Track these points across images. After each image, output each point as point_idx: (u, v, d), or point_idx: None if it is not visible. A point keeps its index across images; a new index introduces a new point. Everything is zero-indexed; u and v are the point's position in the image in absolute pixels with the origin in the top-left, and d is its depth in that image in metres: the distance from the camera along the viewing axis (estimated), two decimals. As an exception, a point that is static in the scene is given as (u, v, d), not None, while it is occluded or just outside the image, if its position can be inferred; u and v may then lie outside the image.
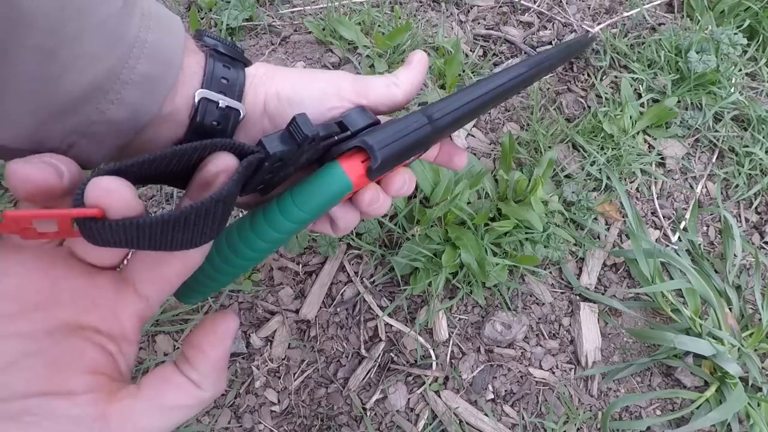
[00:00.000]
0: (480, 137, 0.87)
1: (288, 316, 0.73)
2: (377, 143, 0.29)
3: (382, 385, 0.69)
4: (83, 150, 0.26)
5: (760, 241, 0.85)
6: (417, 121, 0.31)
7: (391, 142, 0.30)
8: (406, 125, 0.31)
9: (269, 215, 0.30)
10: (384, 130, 0.30)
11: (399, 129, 0.30)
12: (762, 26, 0.98)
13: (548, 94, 0.91)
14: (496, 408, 0.70)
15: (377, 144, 0.29)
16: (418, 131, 0.31)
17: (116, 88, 0.25)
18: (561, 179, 0.82)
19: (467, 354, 0.72)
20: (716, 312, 0.73)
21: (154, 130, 0.29)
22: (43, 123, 0.24)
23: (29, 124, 0.23)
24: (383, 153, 0.29)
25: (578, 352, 0.74)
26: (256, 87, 0.32)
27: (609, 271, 0.80)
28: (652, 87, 0.93)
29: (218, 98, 0.30)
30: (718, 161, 0.91)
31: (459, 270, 0.72)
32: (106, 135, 0.26)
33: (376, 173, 0.30)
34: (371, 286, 0.74)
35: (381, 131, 0.30)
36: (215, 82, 0.30)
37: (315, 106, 0.32)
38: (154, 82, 0.26)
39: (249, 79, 0.32)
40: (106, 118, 0.25)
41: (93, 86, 0.24)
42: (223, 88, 0.30)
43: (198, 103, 0.29)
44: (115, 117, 0.25)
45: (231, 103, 0.30)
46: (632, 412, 0.72)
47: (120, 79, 0.25)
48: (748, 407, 0.68)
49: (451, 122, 0.33)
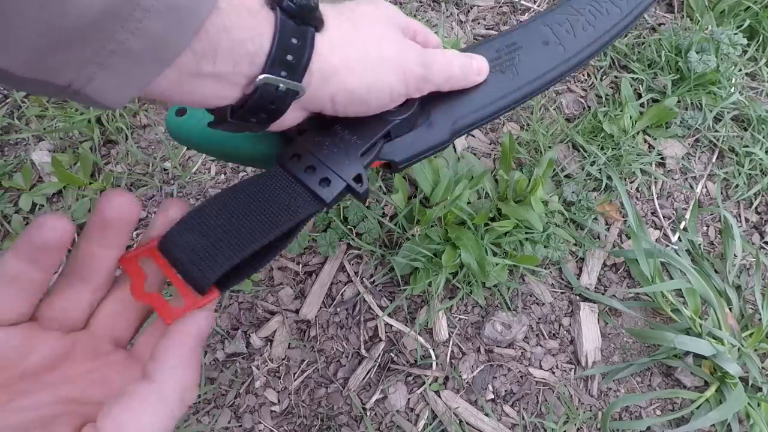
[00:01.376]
0: (480, 137, 0.87)
1: (288, 316, 0.73)
2: (401, 160, 0.36)
3: (382, 385, 0.69)
4: (106, 84, 0.24)
5: (760, 241, 0.85)
6: (441, 138, 0.37)
7: (411, 155, 0.37)
8: (429, 141, 0.37)
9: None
10: (409, 146, 0.36)
11: (421, 147, 0.37)
12: (762, 26, 0.98)
13: (548, 94, 0.91)
14: (496, 408, 0.70)
15: (401, 161, 0.37)
16: (439, 145, 0.37)
17: (136, 15, 0.22)
18: (561, 179, 0.82)
19: (467, 354, 0.72)
20: (716, 312, 0.73)
21: (201, 83, 0.27)
22: (52, 49, 0.22)
23: (36, 49, 0.21)
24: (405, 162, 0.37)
25: (578, 352, 0.74)
26: (323, 72, 0.30)
27: (609, 271, 0.80)
28: (652, 87, 0.93)
29: (279, 82, 0.28)
30: (718, 161, 0.91)
31: (459, 270, 0.72)
32: (129, 69, 0.24)
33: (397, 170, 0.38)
34: (371, 286, 0.74)
35: (406, 146, 0.36)
36: (280, 60, 0.28)
37: (380, 104, 0.34)
38: (182, 11, 0.23)
39: (317, 57, 0.30)
40: (125, 49, 0.23)
41: (108, 12, 0.22)
42: (287, 67, 0.28)
43: (257, 86, 0.28)
44: (136, 48, 0.23)
45: (292, 85, 0.29)
46: (632, 412, 0.72)
47: (140, 6, 0.22)
48: (748, 407, 0.68)
49: (469, 126, 0.39)
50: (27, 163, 0.79)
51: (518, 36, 0.41)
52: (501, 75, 0.39)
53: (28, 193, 0.77)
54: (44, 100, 0.83)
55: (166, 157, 0.83)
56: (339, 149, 0.33)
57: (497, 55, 0.39)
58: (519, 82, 0.39)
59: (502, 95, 0.38)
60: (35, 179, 0.80)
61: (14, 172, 0.79)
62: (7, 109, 0.84)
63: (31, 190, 0.77)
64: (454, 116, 0.37)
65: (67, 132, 0.82)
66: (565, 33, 0.42)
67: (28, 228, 0.25)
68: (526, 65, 0.39)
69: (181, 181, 0.80)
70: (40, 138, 0.83)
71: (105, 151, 0.82)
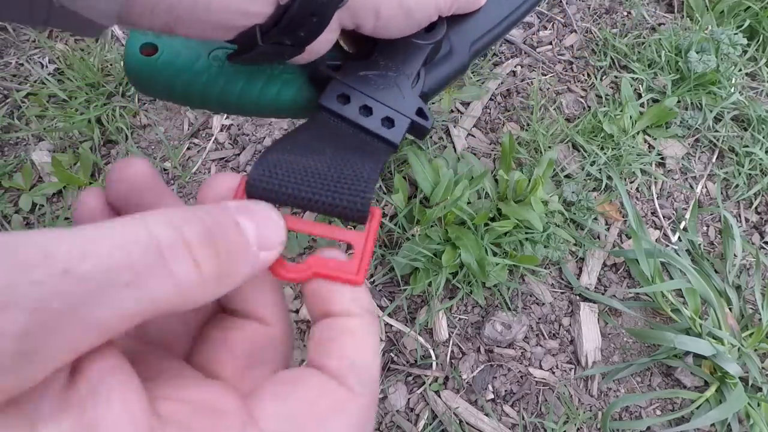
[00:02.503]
0: (480, 137, 0.87)
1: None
2: (427, 90, 0.33)
3: (382, 385, 0.69)
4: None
5: (760, 241, 0.85)
6: (462, 61, 0.36)
7: (438, 84, 0.34)
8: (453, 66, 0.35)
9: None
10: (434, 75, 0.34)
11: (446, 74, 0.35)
12: (762, 26, 0.98)
13: (548, 94, 0.91)
14: (496, 408, 0.70)
15: (429, 90, 0.34)
16: (461, 69, 0.36)
17: None
18: (561, 179, 0.82)
19: (467, 354, 0.72)
20: (716, 312, 0.73)
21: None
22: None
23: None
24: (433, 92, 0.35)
25: (578, 352, 0.74)
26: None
27: (609, 271, 0.80)
28: (652, 87, 0.93)
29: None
30: (718, 161, 0.91)
31: (459, 270, 0.72)
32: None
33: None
34: (371, 286, 0.74)
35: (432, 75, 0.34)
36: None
37: (425, 18, 0.31)
38: None
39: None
40: None
41: None
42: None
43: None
44: None
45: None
46: (632, 412, 0.72)
47: None
48: (748, 407, 0.68)
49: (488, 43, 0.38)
50: (27, 163, 0.79)
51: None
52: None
53: (28, 193, 0.77)
54: (44, 101, 0.83)
55: (166, 157, 0.83)
56: (388, 83, 0.31)
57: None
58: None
59: (510, 10, 0.38)
60: (35, 179, 0.80)
61: (14, 172, 0.79)
62: (7, 109, 0.84)
63: (31, 190, 0.77)
64: (471, 38, 0.37)
65: (67, 132, 0.82)
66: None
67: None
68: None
69: (181, 181, 0.80)
70: (40, 138, 0.83)
71: (105, 151, 0.82)
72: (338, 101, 0.29)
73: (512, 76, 0.93)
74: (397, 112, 0.30)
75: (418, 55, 0.33)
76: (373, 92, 0.30)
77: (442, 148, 0.84)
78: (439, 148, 0.84)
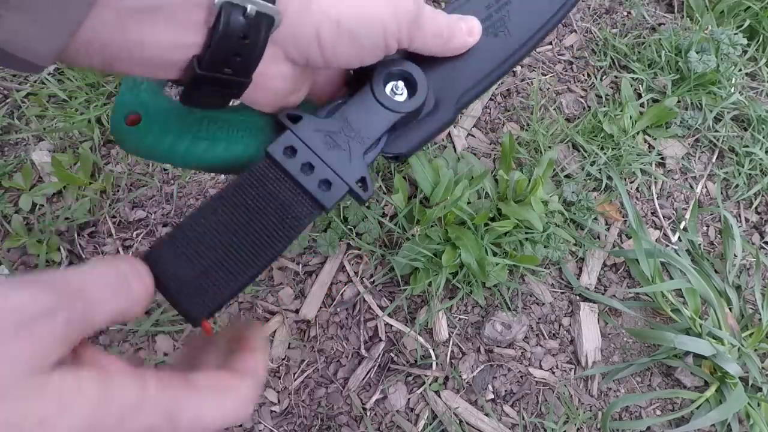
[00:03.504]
0: (480, 137, 0.87)
1: (288, 316, 0.73)
2: (406, 152, 0.33)
3: (382, 385, 0.69)
4: (19, 31, 0.20)
5: (760, 241, 0.85)
6: (447, 118, 0.34)
7: (418, 144, 0.34)
8: (435, 124, 0.34)
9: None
10: (414, 134, 0.34)
11: (428, 133, 0.34)
12: (762, 26, 0.98)
13: (548, 94, 0.91)
14: (496, 408, 0.70)
15: (408, 152, 0.33)
16: (446, 125, 0.35)
17: None
18: (561, 179, 0.82)
19: (467, 354, 0.72)
20: (716, 312, 0.73)
21: (148, 24, 0.22)
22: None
23: None
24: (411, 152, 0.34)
25: (578, 352, 0.74)
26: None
27: (609, 271, 0.80)
28: (652, 87, 0.93)
29: (245, 2, 0.24)
30: (718, 161, 0.91)
31: (459, 270, 0.72)
32: (46, 7, 0.20)
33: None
34: (371, 286, 0.74)
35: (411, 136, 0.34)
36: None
37: (373, 43, 0.29)
38: None
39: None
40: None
41: None
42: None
43: (220, 8, 0.23)
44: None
45: (262, 6, 0.24)
46: (632, 412, 0.72)
47: None
48: (748, 407, 0.68)
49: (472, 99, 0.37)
50: (27, 163, 0.79)
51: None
52: (495, 39, 0.36)
53: (28, 193, 0.77)
54: (44, 101, 0.83)
55: (166, 157, 0.82)
56: (340, 144, 0.30)
57: (488, 13, 0.36)
58: (513, 44, 0.36)
59: (500, 61, 0.36)
60: (35, 179, 0.79)
61: (14, 172, 0.79)
62: (7, 109, 0.84)
63: (31, 190, 0.77)
64: (458, 92, 0.35)
65: (67, 132, 0.82)
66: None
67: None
68: (518, 24, 0.37)
69: (181, 181, 0.80)
70: (40, 138, 0.83)
71: (105, 151, 0.82)
72: (284, 153, 0.29)
73: (512, 76, 0.93)
74: (338, 177, 0.29)
75: (384, 121, 0.31)
76: (322, 151, 0.29)
77: (442, 148, 0.84)
78: (439, 148, 0.84)
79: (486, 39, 0.36)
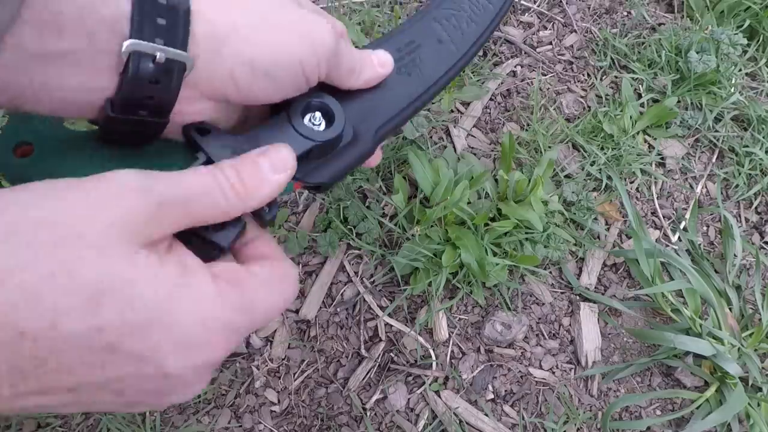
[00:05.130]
0: (480, 137, 0.87)
1: (288, 316, 0.73)
2: (327, 181, 0.34)
3: (382, 385, 0.69)
4: None
5: (760, 241, 0.85)
6: (366, 149, 0.35)
7: (339, 174, 0.34)
8: (354, 155, 0.35)
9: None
10: (334, 164, 0.34)
11: (347, 163, 0.35)
12: (762, 26, 0.98)
13: (548, 94, 0.91)
14: (496, 408, 0.70)
15: (329, 181, 0.34)
16: (365, 156, 0.36)
17: None
18: (561, 179, 0.82)
19: (467, 354, 0.72)
20: (716, 312, 0.73)
21: (53, 67, 0.22)
22: None
23: None
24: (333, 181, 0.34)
25: (578, 352, 0.74)
26: (212, 40, 0.25)
27: (609, 271, 0.80)
28: (652, 87, 0.93)
29: (155, 50, 0.23)
30: (718, 161, 0.91)
31: (459, 270, 0.72)
32: None
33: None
34: (371, 286, 0.74)
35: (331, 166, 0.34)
36: (149, 23, 0.23)
37: (292, 80, 0.29)
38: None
39: (199, 18, 0.25)
40: None
41: None
42: (162, 32, 0.23)
43: (129, 57, 0.23)
44: None
45: (172, 54, 0.24)
46: (632, 412, 0.72)
47: None
48: (749, 407, 0.68)
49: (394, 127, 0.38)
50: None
51: (415, 34, 0.40)
52: (408, 77, 0.39)
53: (28, 193, 0.77)
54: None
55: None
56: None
57: (399, 55, 0.39)
58: (427, 82, 0.39)
59: (415, 96, 0.38)
60: (35, 179, 0.80)
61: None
62: (6, 109, 0.84)
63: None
64: (376, 124, 0.36)
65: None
66: (453, 29, 0.42)
67: None
68: (428, 65, 0.40)
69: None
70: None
71: None
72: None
73: (512, 76, 0.93)
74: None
75: (296, 146, 0.30)
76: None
77: (442, 148, 0.84)
78: (439, 148, 0.84)
79: (399, 77, 0.38)
